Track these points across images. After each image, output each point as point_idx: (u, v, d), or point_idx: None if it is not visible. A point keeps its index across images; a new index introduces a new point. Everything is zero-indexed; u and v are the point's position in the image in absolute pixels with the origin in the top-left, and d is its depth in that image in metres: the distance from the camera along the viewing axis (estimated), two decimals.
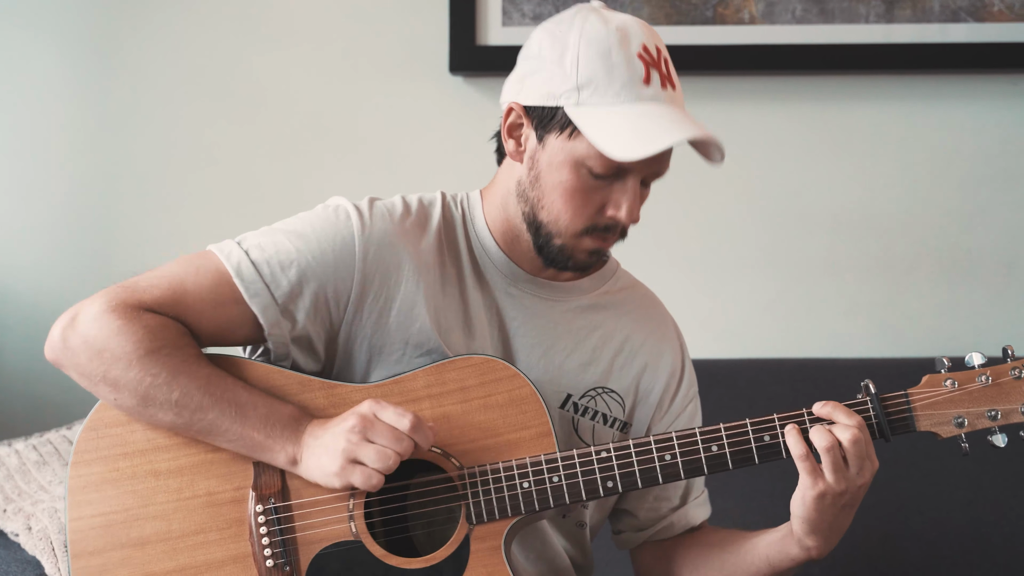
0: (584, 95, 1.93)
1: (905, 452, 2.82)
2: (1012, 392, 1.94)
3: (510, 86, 2.06)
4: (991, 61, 3.17)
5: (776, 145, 3.21)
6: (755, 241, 3.23)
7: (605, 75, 1.93)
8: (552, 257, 2.04)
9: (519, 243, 2.09)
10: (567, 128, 1.95)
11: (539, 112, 1.98)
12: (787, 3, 3.17)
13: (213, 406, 1.90)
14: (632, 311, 2.20)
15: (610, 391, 2.15)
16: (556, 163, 1.97)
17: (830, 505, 1.89)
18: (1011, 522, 2.83)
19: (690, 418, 2.21)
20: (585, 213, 1.98)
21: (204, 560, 1.93)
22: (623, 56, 1.94)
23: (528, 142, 2.01)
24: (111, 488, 1.94)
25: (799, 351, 3.17)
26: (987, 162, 3.21)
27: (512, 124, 2.02)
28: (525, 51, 2.05)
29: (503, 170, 2.11)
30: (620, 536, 2.28)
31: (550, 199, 1.99)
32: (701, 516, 2.23)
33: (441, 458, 1.96)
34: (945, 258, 3.21)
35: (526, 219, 2.04)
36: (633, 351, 2.17)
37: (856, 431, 1.87)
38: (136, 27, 3.28)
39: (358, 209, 2.04)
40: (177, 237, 3.27)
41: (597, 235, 2.01)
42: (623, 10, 3.16)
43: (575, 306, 2.15)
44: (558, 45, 1.97)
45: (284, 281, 1.98)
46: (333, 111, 3.28)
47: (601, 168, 1.95)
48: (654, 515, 2.21)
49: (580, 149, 1.94)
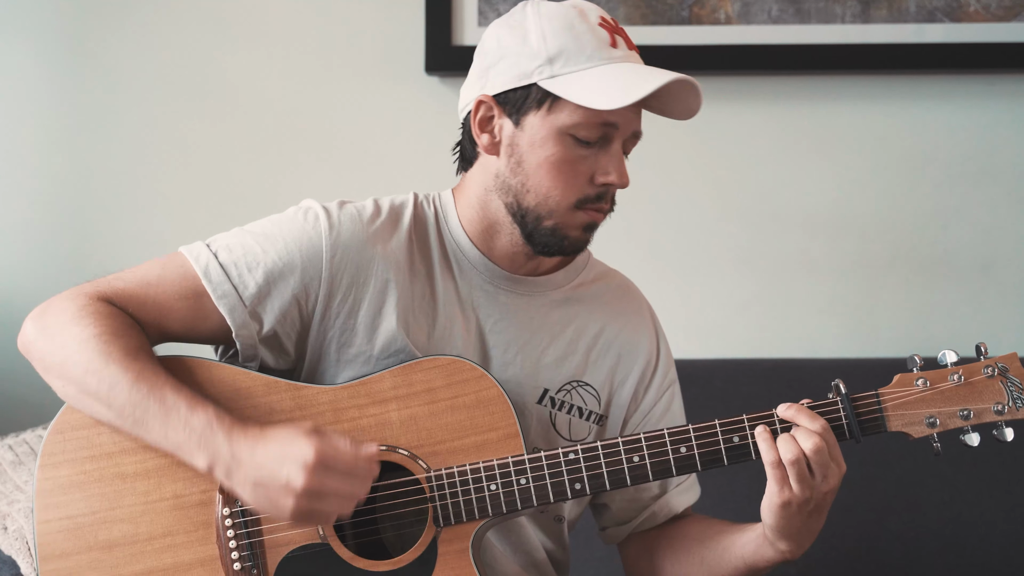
0: (557, 66, 1.95)
1: (882, 453, 2.82)
2: (985, 391, 1.93)
3: (470, 85, 2.06)
4: (967, 61, 3.17)
5: (752, 145, 3.21)
6: (731, 241, 3.23)
7: (574, 43, 1.96)
8: (544, 242, 2.04)
9: (498, 240, 2.09)
10: (545, 102, 1.96)
11: (512, 96, 1.99)
12: (763, 3, 3.17)
13: (140, 402, 1.87)
14: (607, 302, 2.20)
15: (585, 384, 2.14)
16: (539, 139, 1.98)
17: (796, 512, 1.89)
18: (987, 523, 2.84)
19: (666, 407, 2.21)
20: (576, 184, 1.99)
21: (172, 563, 1.93)
22: (586, 26, 1.97)
23: (503, 131, 2.01)
24: (78, 491, 1.94)
25: (775, 351, 3.17)
26: (963, 162, 3.21)
27: (483, 118, 2.02)
28: (481, 49, 2.06)
29: (474, 172, 2.10)
30: (605, 532, 2.27)
31: (536, 179, 1.99)
32: (685, 502, 2.22)
33: (408, 460, 1.96)
34: (921, 258, 3.21)
35: (510, 210, 2.04)
36: (608, 343, 2.17)
37: (819, 439, 1.86)
38: (111, 27, 3.27)
39: (327, 211, 2.04)
40: (152, 237, 3.26)
41: (589, 206, 2.01)
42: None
43: (550, 300, 2.15)
44: (517, 31, 1.99)
45: (251, 283, 1.98)
46: (308, 111, 3.27)
47: (587, 133, 1.96)
48: (636, 505, 2.21)
49: (562, 119, 1.96)
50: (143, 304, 1.96)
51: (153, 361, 1.92)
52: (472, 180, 2.10)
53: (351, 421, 1.97)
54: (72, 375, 1.90)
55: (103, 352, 1.88)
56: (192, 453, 1.86)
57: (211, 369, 1.98)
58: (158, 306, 1.96)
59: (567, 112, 1.95)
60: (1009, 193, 3.21)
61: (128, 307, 1.95)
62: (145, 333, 1.97)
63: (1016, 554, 2.83)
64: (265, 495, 1.83)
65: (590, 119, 1.95)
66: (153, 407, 1.87)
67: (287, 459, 1.81)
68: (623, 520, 2.23)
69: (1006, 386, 1.93)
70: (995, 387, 1.93)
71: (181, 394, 1.88)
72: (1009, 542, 2.83)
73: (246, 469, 1.83)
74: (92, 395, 1.89)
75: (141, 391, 1.88)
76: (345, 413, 1.97)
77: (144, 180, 3.28)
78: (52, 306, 1.95)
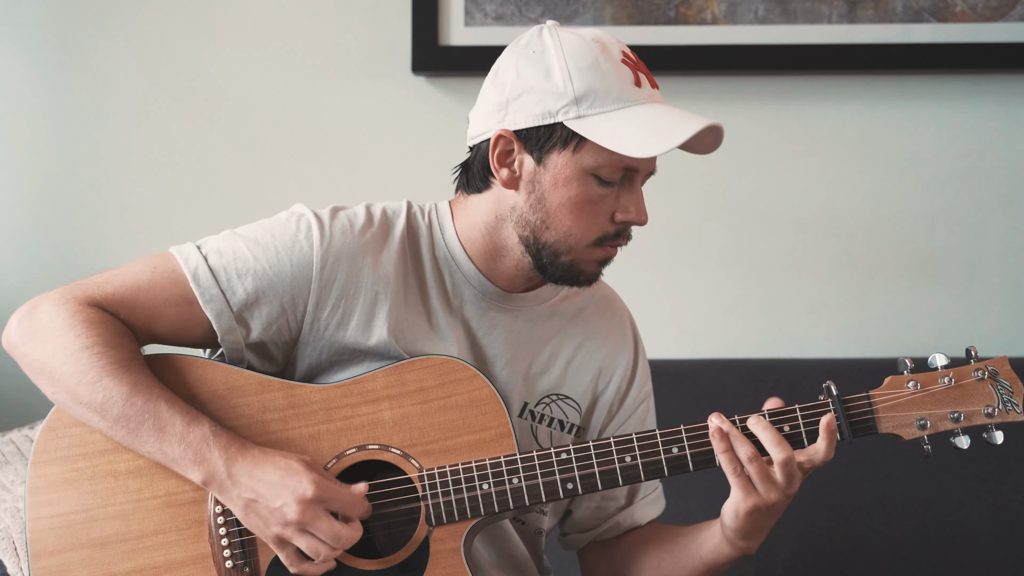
0: (584, 107, 1.93)
1: (868, 453, 2.83)
2: (975, 394, 1.94)
3: (487, 115, 2.02)
4: (954, 61, 3.18)
5: (739, 145, 3.21)
6: (718, 242, 3.24)
7: (601, 83, 1.93)
8: (558, 276, 2.03)
9: (502, 263, 2.07)
10: (570, 143, 1.94)
11: (534, 133, 1.96)
12: (749, 3, 3.17)
13: (134, 416, 1.89)
14: (590, 315, 2.21)
15: (565, 397, 2.15)
16: (562, 179, 1.96)
17: (764, 515, 1.92)
18: (972, 523, 2.85)
19: (640, 420, 2.22)
20: (597, 224, 1.99)
21: (164, 560, 1.93)
22: (611, 64, 1.95)
23: (523, 167, 1.99)
24: (70, 488, 1.94)
25: (762, 351, 3.18)
26: (950, 162, 3.22)
27: (502, 152, 1.99)
28: (498, 78, 2.02)
29: (483, 198, 2.06)
30: (566, 538, 2.28)
31: (557, 217, 1.98)
32: (649, 515, 2.23)
33: (401, 459, 1.97)
34: (909, 259, 3.22)
35: (524, 243, 2.02)
36: (588, 356, 2.18)
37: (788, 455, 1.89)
38: (97, 27, 3.27)
39: (319, 219, 2.03)
40: (138, 237, 3.26)
41: (608, 243, 2.01)
42: (586, 10, 3.16)
43: (536, 314, 2.15)
44: (539, 66, 1.96)
45: (240, 289, 1.98)
46: (295, 111, 3.27)
47: (610, 174, 1.95)
48: (600, 515, 2.22)
49: (587, 160, 1.94)
50: (133, 309, 1.96)
51: (147, 372, 1.93)
52: (480, 206, 2.07)
53: (344, 420, 1.97)
54: (64, 384, 1.90)
55: (96, 365, 1.89)
56: (187, 467, 1.89)
57: (204, 368, 1.98)
58: (148, 311, 1.96)
59: (592, 153, 1.94)
60: (997, 193, 3.22)
61: (119, 312, 1.95)
62: (136, 338, 1.97)
63: (1002, 555, 2.84)
64: (256, 514, 1.88)
65: (615, 162, 1.94)
66: (148, 421, 1.89)
67: (285, 488, 1.87)
68: (586, 528, 2.24)
69: (996, 389, 1.94)
70: (985, 390, 1.94)
71: (176, 408, 1.90)
72: (995, 542, 2.84)
73: (241, 489, 1.88)
74: (85, 405, 1.90)
75: (136, 404, 1.89)
76: (338, 412, 1.98)
77: (131, 180, 3.28)
78: (40, 309, 1.93)
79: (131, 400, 1.88)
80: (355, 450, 1.97)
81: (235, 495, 1.88)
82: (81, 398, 1.89)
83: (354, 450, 1.97)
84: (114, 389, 1.88)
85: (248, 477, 1.88)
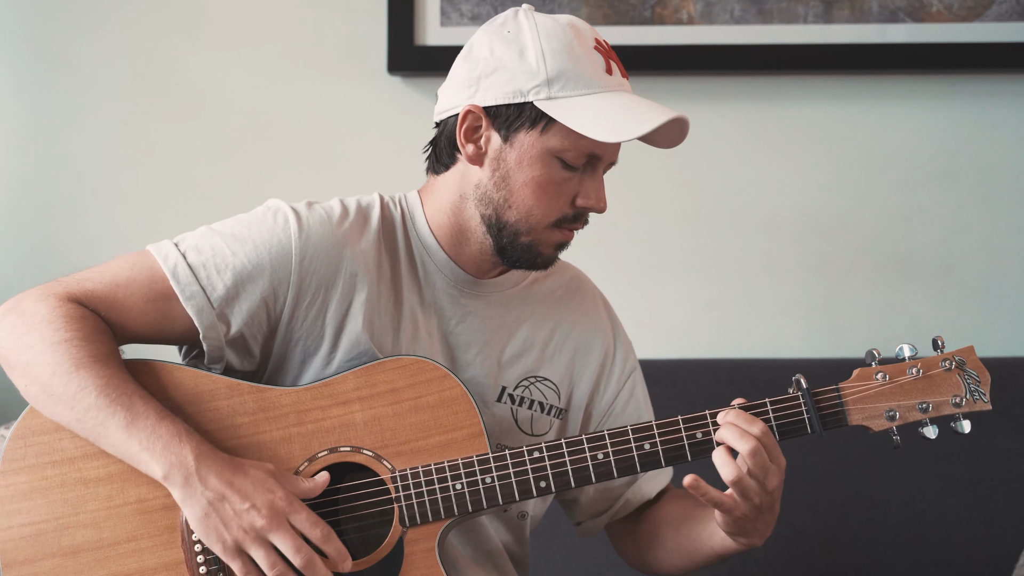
0: (555, 88, 1.95)
1: (843, 451, 2.83)
2: (943, 384, 1.96)
3: (457, 90, 2.05)
4: (929, 62, 3.18)
5: (714, 145, 3.22)
6: (693, 241, 3.24)
7: (573, 67, 1.96)
8: (516, 257, 2.05)
9: (467, 246, 2.09)
10: (539, 123, 1.97)
11: (504, 111, 1.99)
12: (725, 3, 3.17)
13: (105, 407, 1.88)
14: (561, 296, 2.22)
15: (543, 379, 2.16)
16: (527, 158, 1.98)
17: (751, 519, 1.92)
18: (948, 521, 2.85)
19: (629, 395, 2.24)
20: (557, 205, 2.01)
21: (137, 567, 1.92)
22: (584, 49, 1.98)
23: (490, 144, 2.01)
24: (40, 497, 1.93)
25: (737, 351, 3.18)
26: (926, 163, 3.22)
27: (470, 127, 2.01)
28: (472, 55, 2.04)
29: (448, 176, 2.09)
30: (581, 526, 2.29)
31: (520, 196, 2.00)
32: (657, 487, 2.23)
33: (373, 460, 1.96)
34: (883, 259, 3.22)
35: (486, 221, 2.04)
36: (563, 337, 2.19)
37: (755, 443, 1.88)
38: (75, 25, 3.26)
39: (296, 212, 2.03)
40: (116, 236, 3.26)
41: (566, 226, 2.04)
42: (561, 10, 3.16)
43: (506, 298, 2.16)
44: (513, 45, 1.99)
45: (220, 284, 1.97)
46: (271, 111, 3.27)
47: (574, 158, 1.98)
48: (608, 495, 2.22)
49: (553, 142, 1.97)
50: (112, 306, 1.96)
51: (123, 369, 1.93)
52: (446, 185, 2.09)
53: (315, 422, 1.97)
54: (38, 376, 1.89)
55: (73, 357, 1.88)
56: (148, 461, 1.87)
57: (173, 372, 1.97)
58: (127, 309, 1.96)
59: (560, 136, 1.96)
60: (971, 193, 3.22)
61: (99, 309, 1.95)
62: (115, 336, 1.97)
63: (978, 552, 2.84)
64: (219, 516, 1.86)
65: (580, 147, 1.97)
66: (119, 412, 1.88)
67: (257, 494, 1.86)
68: (597, 512, 2.24)
69: (963, 379, 1.96)
70: (953, 380, 1.96)
71: (150, 404, 1.90)
72: (971, 540, 2.84)
73: (208, 488, 1.86)
74: (56, 397, 1.89)
75: (109, 396, 1.88)
76: (309, 415, 1.97)
77: (108, 179, 3.28)
78: (21, 305, 1.94)
79: (105, 392, 1.88)
80: (327, 452, 1.96)
81: (199, 492, 1.86)
82: (53, 389, 1.89)
83: (326, 452, 1.96)
84: (89, 380, 1.88)
85: (217, 478, 1.86)
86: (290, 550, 1.85)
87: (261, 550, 1.86)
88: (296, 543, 1.86)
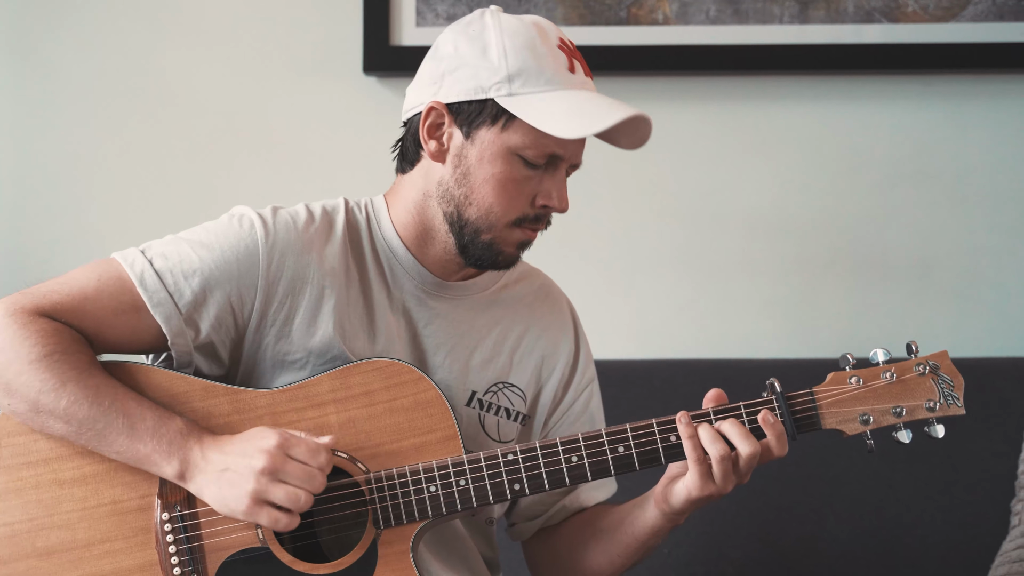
0: (516, 85, 1.96)
1: (819, 454, 2.84)
2: (916, 388, 1.96)
3: (422, 88, 2.06)
4: (905, 62, 3.18)
5: (690, 146, 3.22)
6: (669, 242, 3.24)
7: (535, 64, 1.97)
8: (478, 255, 2.05)
9: (432, 247, 2.10)
10: (499, 120, 1.98)
11: (465, 108, 2.00)
12: (701, 4, 3.18)
13: (101, 416, 1.88)
14: (530, 303, 2.23)
15: (511, 385, 2.17)
16: (488, 156, 1.99)
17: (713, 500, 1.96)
18: (924, 523, 2.86)
19: (584, 405, 2.24)
20: (518, 204, 2.01)
21: (111, 569, 1.92)
22: (547, 47, 1.99)
23: (452, 140, 2.02)
24: (14, 498, 1.92)
25: (713, 352, 3.18)
26: (901, 163, 3.23)
27: (432, 124, 2.02)
28: (436, 52, 2.06)
29: (413, 175, 2.10)
30: (514, 528, 2.29)
31: (480, 193, 2.01)
32: (596, 498, 2.24)
33: (348, 463, 1.96)
34: (860, 259, 3.23)
35: (448, 219, 2.05)
36: (531, 344, 2.20)
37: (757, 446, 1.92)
38: (48, 26, 3.25)
39: (262, 218, 2.04)
40: (89, 236, 3.25)
41: (527, 226, 2.04)
42: (536, 10, 3.16)
43: (475, 303, 2.17)
44: (477, 42, 2.00)
45: (187, 291, 1.97)
46: (245, 111, 3.26)
47: (535, 156, 1.98)
48: (548, 499, 2.22)
49: (514, 139, 1.98)
50: (82, 318, 1.95)
51: (107, 375, 1.93)
52: (410, 183, 2.10)
53: (290, 425, 1.96)
54: (23, 394, 1.89)
55: (57, 372, 1.88)
56: (160, 462, 1.89)
57: (148, 374, 1.97)
58: (96, 320, 1.95)
59: (520, 133, 1.97)
60: (947, 194, 3.22)
61: (70, 321, 1.94)
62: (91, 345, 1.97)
63: (954, 555, 2.84)
64: (229, 483, 1.86)
65: (540, 145, 1.98)
66: (117, 420, 1.88)
67: (251, 446, 1.87)
68: (533, 515, 2.25)
69: (937, 383, 1.97)
70: (927, 384, 1.97)
71: (145, 405, 1.90)
72: (947, 544, 2.85)
73: (214, 465, 1.87)
74: (47, 412, 1.89)
75: (103, 405, 1.88)
76: (283, 417, 1.97)
77: (80, 179, 3.26)
78: None
79: (97, 402, 1.88)
80: None
81: (209, 471, 1.87)
82: (43, 406, 1.88)
83: None
84: (78, 393, 1.88)
85: (219, 452, 1.88)
86: (300, 478, 1.85)
87: (279, 490, 1.85)
88: (304, 471, 1.85)
